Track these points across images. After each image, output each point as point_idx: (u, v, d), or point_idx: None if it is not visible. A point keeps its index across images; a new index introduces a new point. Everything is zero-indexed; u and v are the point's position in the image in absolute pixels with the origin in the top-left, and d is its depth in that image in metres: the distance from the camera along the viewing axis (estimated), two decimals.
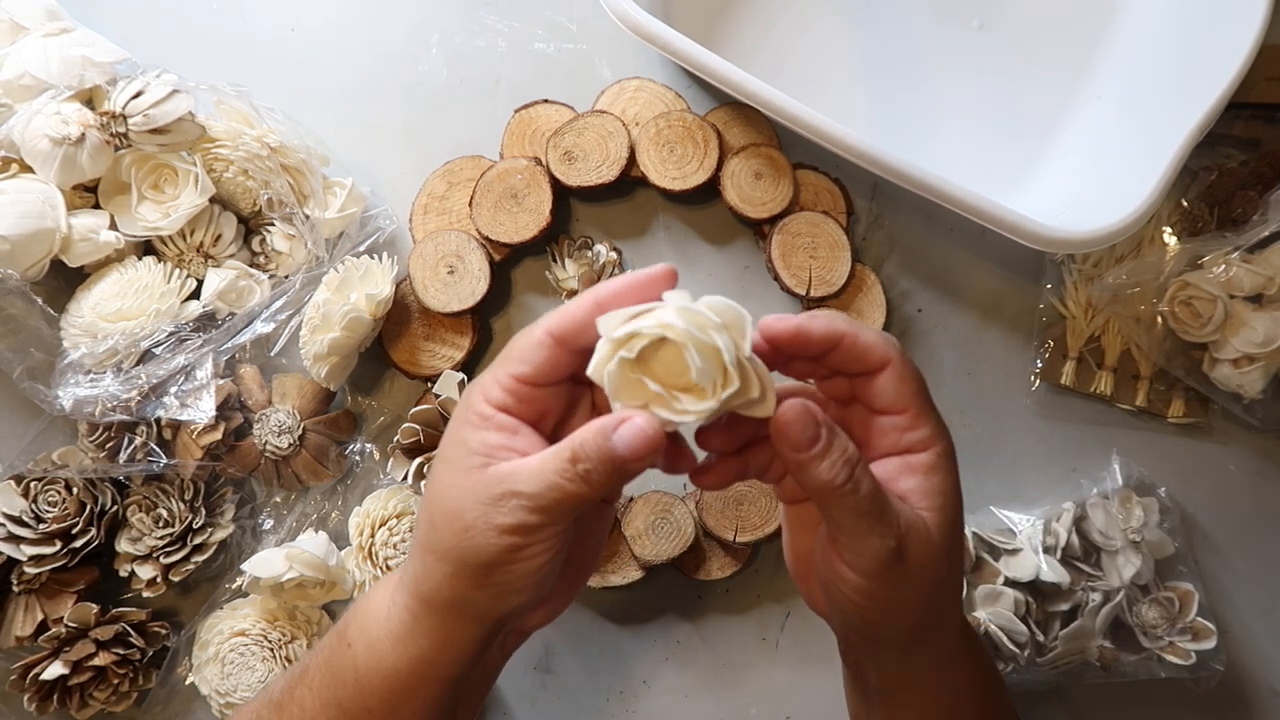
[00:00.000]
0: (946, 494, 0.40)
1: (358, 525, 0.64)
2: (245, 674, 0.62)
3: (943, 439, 0.40)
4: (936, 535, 0.39)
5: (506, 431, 0.38)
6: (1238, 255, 0.64)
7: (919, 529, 0.38)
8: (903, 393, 0.39)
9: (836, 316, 0.40)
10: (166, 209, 0.61)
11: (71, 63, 0.61)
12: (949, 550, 0.39)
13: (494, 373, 0.39)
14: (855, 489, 0.37)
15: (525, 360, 0.38)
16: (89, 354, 0.60)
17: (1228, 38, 0.58)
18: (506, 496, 0.37)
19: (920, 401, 0.40)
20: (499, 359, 0.39)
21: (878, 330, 0.40)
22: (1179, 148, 0.57)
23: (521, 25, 0.71)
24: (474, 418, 0.39)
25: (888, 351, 0.39)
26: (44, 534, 0.61)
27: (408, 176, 0.69)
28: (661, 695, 0.67)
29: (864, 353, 0.39)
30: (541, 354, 0.38)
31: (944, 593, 0.41)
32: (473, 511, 0.37)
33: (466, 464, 0.38)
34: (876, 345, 0.39)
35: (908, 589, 0.39)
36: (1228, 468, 0.68)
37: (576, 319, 0.38)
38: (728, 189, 0.66)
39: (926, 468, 0.39)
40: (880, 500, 0.37)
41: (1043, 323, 0.68)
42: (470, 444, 0.38)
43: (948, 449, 0.40)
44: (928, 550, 0.38)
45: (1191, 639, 0.63)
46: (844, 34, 0.70)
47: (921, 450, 0.40)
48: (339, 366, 0.63)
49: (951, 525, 0.40)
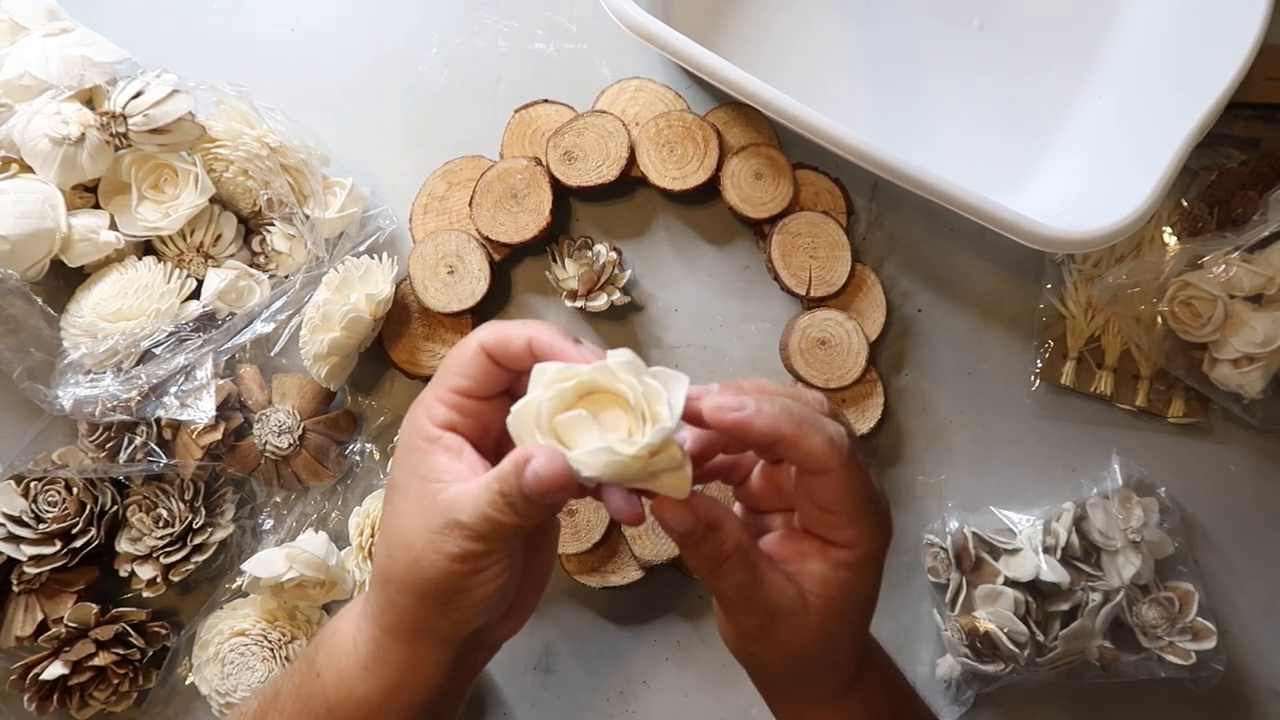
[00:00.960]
0: (846, 590, 0.40)
1: (358, 525, 0.64)
2: (245, 674, 0.62)
3: (868, 542, 0.40)
4: (814, 620, 0.40)
5: (452, 453, 0.39)
6: (1238, 255, 0.64)
7: (795, 613, 0.39)
8: (838, 499, 0.39)
9: (784, 415, 0.38)
10: (166, 209, 0.61)
11: (71, 63, 0.61)
12: (826, 636, 0.40)
13: (434, 390, 0.40)
14: (718, 578, 0.39)
15: (463, 374, 0.39)
16: (89, 354, 0.60)
17: (1228, 38, 0.58)
18: (451, 527, 0.37)
19: (855, 509, 0.39)
20: (437, 375, 0.40)
21: (827, 431, 0.38)
22: (1179, 148, 0.57)
23: (521, 25, 0.71)
24: (420, 442, 0.39)
25: (828, 461, 0.38)
26: (44, 534, 0.61)
27: (408, 176, 0.69)
28: (661, 695, 0.67)
29: (804, 457, 0.38)
30: (478, 366, 0.39)
31: (819, 661, 0.42)
32: (421, 540, 0.38)
33: (417, 491, 0.38)
34: (816, 453, 0.38)
35: (774, 655, 0.41)
36: (1228, 468, 0.68)
37: (510, 337, 0.39)
38: (728, 189, 0.66)
39: (838, 562, 0.40)
40: (747, 589, 0.39)
41: (1043, 323, 0.68)
42: (419, 469, 0.39)
43: (870, 552, 0.40)
44: (798, 632, 0.40)
45: (1191, 639, 0.63)
46: (844, 34, 0.70)
47: (842, 548, 0.40)
48: (339, 366, 0.63)
49: (838, 617, 0.40)
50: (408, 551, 0.38)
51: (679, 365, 0.68)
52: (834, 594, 0.40)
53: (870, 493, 0.40)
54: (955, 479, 0.68)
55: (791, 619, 0.39)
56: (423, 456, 0.39)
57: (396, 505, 0.39)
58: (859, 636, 0.43)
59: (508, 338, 0.39)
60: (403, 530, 0.38)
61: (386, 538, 0.40)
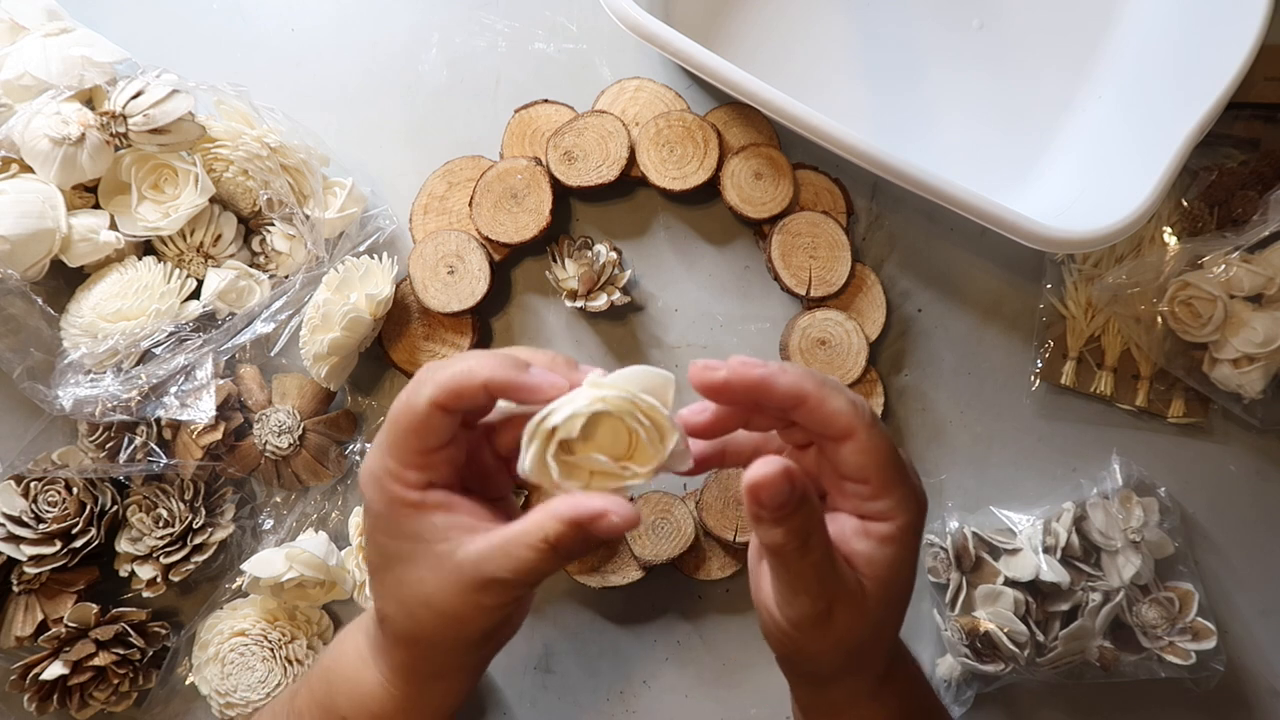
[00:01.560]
0: (894, 567, 0.39)
1: (358, 525, 0.64)
2: (245, 674, 0.62)
3: (906, 512, 0.39)
4: (870, 604, 0.39)
5: (444, 509, 0.39)
6: (1238, 255, 0.64)
7: (853, 596, 0.39)
8: (865, 465, 0.38)
9: (807, 376, 0.38)
10: (166, 209, 0.61)
11: (71, 63, 0.61)
12: (879, 619, 0.40)
13: (396, 455, 0.38)
14: (802, 556, 0.37)
15: (421, 435, 0.38)
16: (89, 354, 0.60)
17: (1228, 38, 0.58)
18: (487, 583, 0.38)
19: (886, 474, 0.38)
20: (391, 436, 0.38)
21: (848, 395, 0.38)
22: (1179, 148, 0.57)
23: (521, 25, 0.71)
24: (404, 509, 0.39)
25: (852, 422, 0.37)
26: (44, 534, 0.61)
27: (408, 176, 0.69)
28: (661, 695, 0.67)
29: (827, 419, 0.37)
30: (434, 423, 0.38)
31: (868, 649, 0.41)
32: (456, 601, 0.38)
33: (425, 555, 0.38)
34: (840, 413, 0.37)
35: (827, 644, 0.40)
36: (1228, 468, 0.68)
37: (462, 387, 0.37)
38: (728, 189, 0.66)
39: (882, 537, 0.39)
40: (822, 568, 0.38)
41: (1043, 323, 0.68)
42: (422, 533, 0.38)
43: (910, 523, 0.39)
44: (856, 617, 0.39)
45: (1191, 639, 0.63)
46: (844, 34, 0.70)
47: (881, 520, 0.39)
48: (339, 366, 0.63)
49: (889, 596, 0.39)
50: (439, 615, 0.39)
51: (679, 365, 0.68)
52: (883, 574, 0.39)
53: (899, 459, 0.39)
54: (955, 479, 0.68)
55: (850, 604, 0.39)
56: (414, 522, 0.39)
57: (404, 573, 0.39)
58: (899, 624, 0.42)
59: (460, 388, 0.37)
60: (425, 595, 0.39)
61: (400, 603, 0.40)
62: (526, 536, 0.37)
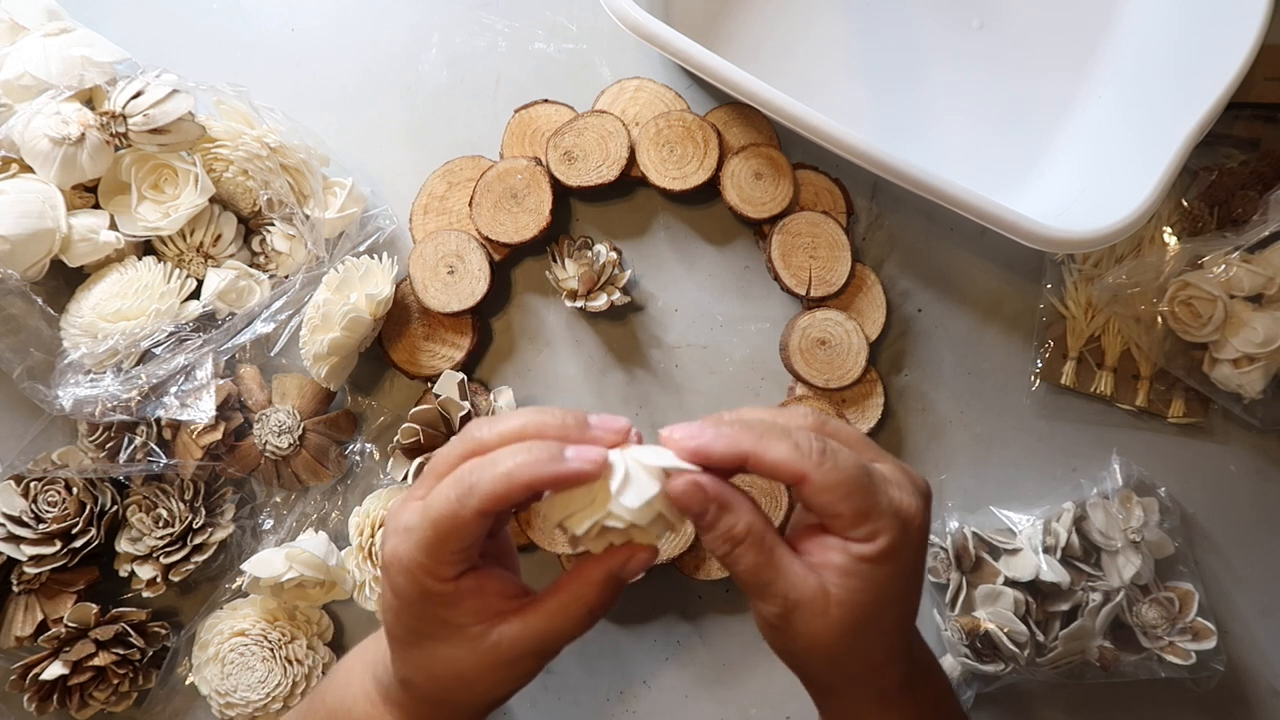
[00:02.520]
0: (871, 586, 0.39)
1: (358, 525, 0.64)
2: (245, 674, 0.62)
3: (886, 533, 0.39)
4: (835, 612, 0.39)
5: (475, 595, 0.40)
6: (1238, 255, 0.64)
7: (814, 602, 0.39)
8: (827, 503, 0.38)
9: (745, 431, 0.38)
10: (166, 209, 0.61)
11: (71, 63, 0.61)
12: (850, 630, 0.39)
13: (430, 554, 0.39)
14: (734, 563, 0.39)
15: (460, 538, 0.39)
16: (89, 354, 0.60)
17: (1228, 38, 0.58)
18: (523, 658, 0.40)
19: (851, 505, 0.38)
20: (428, 537, 0.39)
21: (794, 439, 0.38)
22: (1179, 148, 0.57)
23: (521, 25, 0.71)
24: (438, 599, 0.40)
25: (799, 468, 0.38)
26: (44, 534, 0.61)
27: (408, 176, 0.69)
28: (661, 695, 0.67)
29: (774, 469, 0.38)
30: (476, 530, 0.39)
31: (857, 656, 0.41)
32: (495, 676, 0.41)
33: (464, 638, 0.40)
34: (784, 462, 0.38)
35: (799, 647, 0.41)
36: (1228, 468, 0.68)
37: (508, 499, 0.38)
38: (728, 189, 0.66)
39: (859, 556, 0.39)
40: (764, 575, 0.39)
41: (1043, 323, 0.68)
42: (454, 620, 0.40)
43: (893, 545, 0.39)
44: (818, 623, 0.39)
45: (1191, 639, 0.63)
46: (844, 34, 0.70)
47: (864, 541, 0.39)
48: (339, 366, 0.63)
49: (862, 611, 0.39)
50: (472, 686, 0.41)
51: (679, 365, 0.68)
52: (856, 586, 0.39)
53: (866, 485, 0.39)
54: (955, 479, 0.68)
55: (810, 609, 0.39)
56: (447, 610, 0.40)
57: (436, 650, 0.41)
58: (894, 636, 0.42)
59: (505, 495, 0.38)
60: (459, 671, 0.41)
61: (431, 676, 0.42)
62: (568, 610, 0.40)
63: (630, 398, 0.68)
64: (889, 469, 0.41)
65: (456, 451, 0.40)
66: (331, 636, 0.66)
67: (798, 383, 0.66)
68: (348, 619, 0.67)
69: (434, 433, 0.62)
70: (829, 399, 0.66)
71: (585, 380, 0.68)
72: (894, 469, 0.41)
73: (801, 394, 0.66)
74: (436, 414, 0.62)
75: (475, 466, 0.38)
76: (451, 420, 0.62)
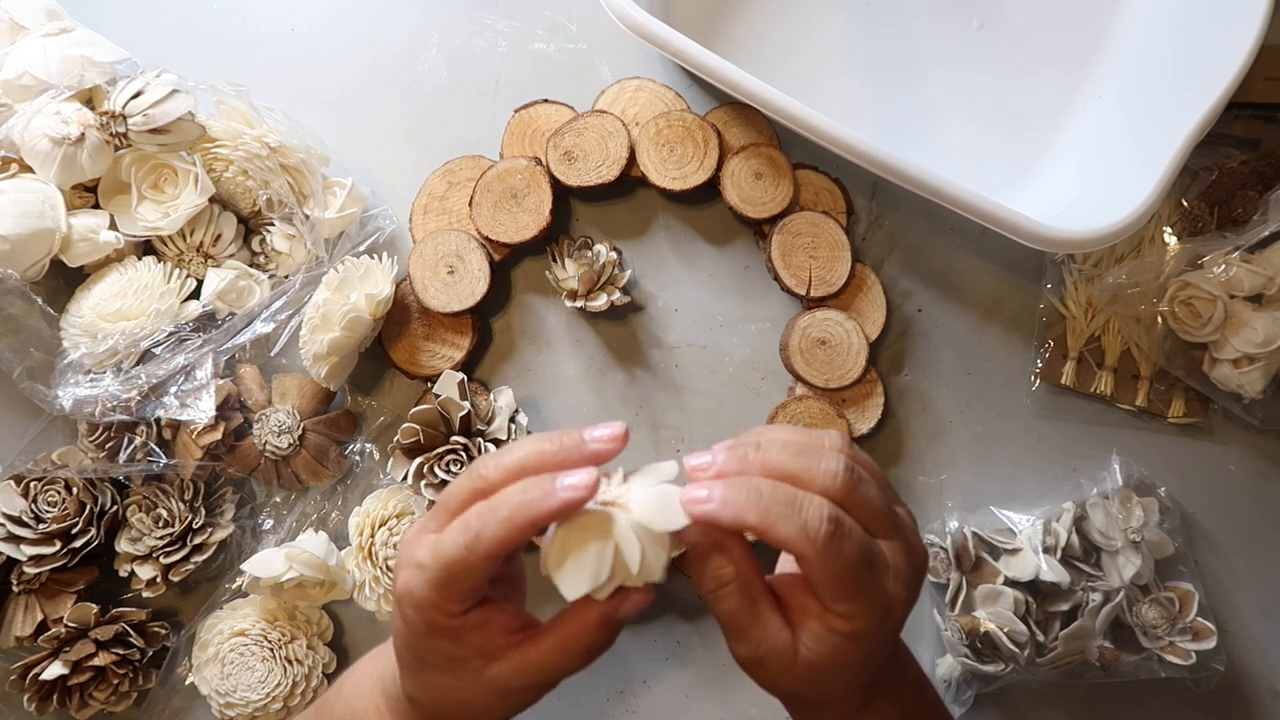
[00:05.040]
0: (840, 657, 0.41)
1: (358, 525, 0.64)
2: (245, 674, 0.62)
3: (863, 619, 0.40)
4: (800, 669, 0.41)
5: (480, 630, 0.42)
6: (1238, 255, 0.64)
7: (782, 656, 0.41)
8: (819, 583, 0.40)
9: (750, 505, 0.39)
10: (166, 209, 0.61)
11: (71, 63, 0.61)
12: (812, 684, 0.41)
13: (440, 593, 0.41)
14: (716, 603, 0.41)
15: (469, 581, 0.40)
16: (89, 354, 0.60)
17: (1228, 38, 0.58)
18: (525, 690, 0.42)
19: (841, 591, 0.39)
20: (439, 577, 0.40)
21: (798, 520, 0.39)
22: (1179, 148, 0.57)
23: (521, 25, 0.71)
24: (445, 633, 0.42)
25: (801, 549, 0.39)
26: (44, 534, 0.61)
27: (408, 176, 0.69)
28: (661, 695, 0.67)
29: (778, 543, 0.39)
30: (483, 574, 0.40)
31: (809, 705, 0.44)
32: (496, 706, 0.43)
33: (467, 670, 0.42)
34: (789, 542, 0.39)
35: (760, 683, 0.43)
36: (1228, 468, 0.68)
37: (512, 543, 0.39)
38: (728, 189, 0.66)
39: (833, 629, 0.40)
40: (743, 620, 0.41)
41: (1043, 323, 0.68)
42: (458, 654, 0.42)
43: (867, 628, 0.40)
44: (782, 676, 0.41)
45: (1191, 639, 0.63)
46: (844, 34, 0.70)
47: (843, 618, 0.40)
48: (339, 366, 0.63)
49: (826, 675, 0.41)
50: (473, 712, 0.43)
51: (679, 365, 0.68)
52: (825, 653, 0.41)
53: (860, 571, 0.39)
54: (955, 479, 0.68)
55: (778, 661, 0.41)
56: (452, 644, 0.42)
57: (438, 680, 0.43)
58: (855, 686, 0.43)
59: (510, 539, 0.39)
60: (461, 700, 0.43)
61: (434, 701, 0.44)
62: (565, 650, 0.41)
63: (630, 398, 0.68)
64: (894, 550, 0.41)
65: (465, 489, 0.42)
66: (331, 636, 0.66)
67: (798, 383, 0.66)
68: (348, 619, 0.67)
69: (434, 433, 0.62)
70: (829, 399, 0.66)
71: (585, 380, 0.68)
72: (899, 551, 0.41)
73: (801, 394, 0.66)
74: (436, 414, 0.62)
75: (481, 513, 0.40)
76: (451, 420, 0.62)
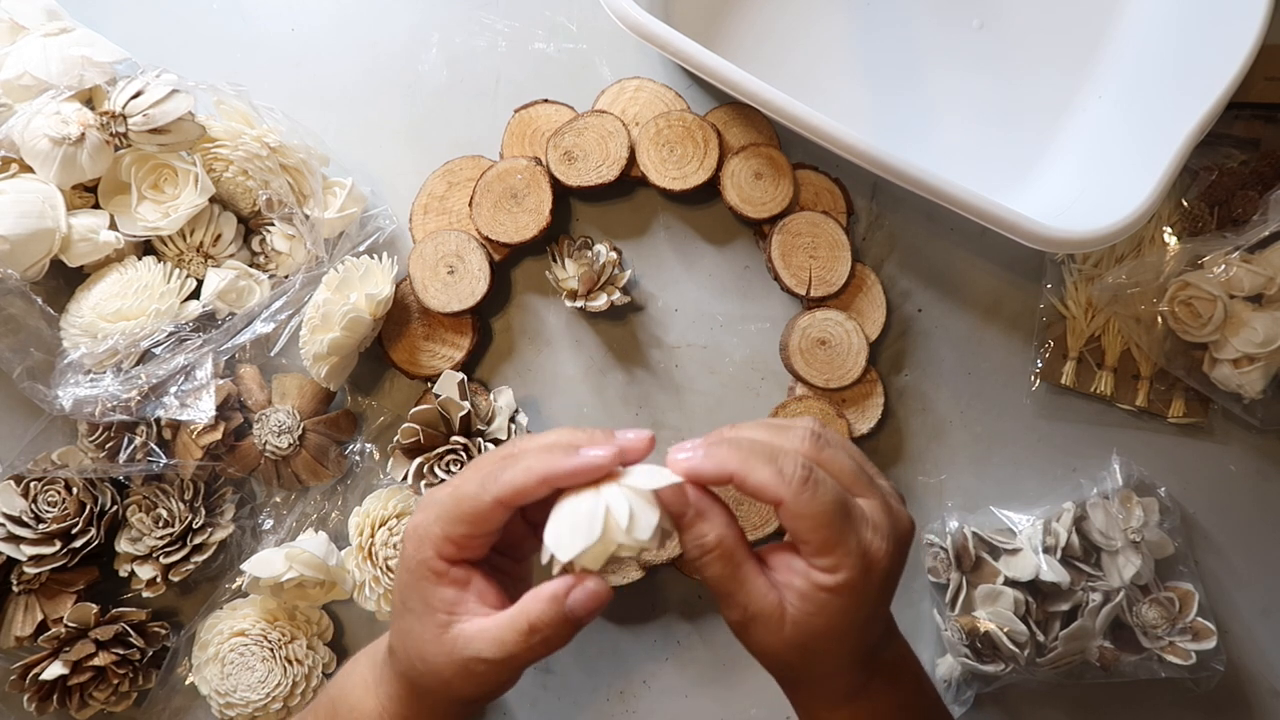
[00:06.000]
0: (826, 613, 0.41)
1: (358, 525, 0.64)
2: (245, 674, 0.62)
3: (852, 569, 0.41)
4: (789, 631, 0.42)
5: (459, 585, 0.43)
6: (1238, 255, 0.64)
7: (770, 618, 0.42)
8: (798, 529, 0.41)
9: (734, 451, 0.41)
10: (166, 209, 0.61)
11: (71, 63, 0.61)
12: (802, 648, 0.42)
13: (444, 526, 0.43)
14: (703, 569, 0.42)
15: (476, 523, 0.42)
16: (89, 354, 0.60)
17: (1228, 38, 0.58)
18: (475, 662, 0.42)
19: (822, 536, 0.40)
20: (446, 509, 0.43)
21: (779, 464, 0.41)
22: (1179, 148, 0.57)
23: (521, 25, 0.71)
24: (429, 574, 0.43)
25: (778, 493, 0.40)
26: (44, 534, 0.61)
27: (408, 176, 0.69)
28: (661, 695, 0.67)
29: (756, 491, 0.41)
30: (492, 518, 0.42)
31: (803, 673, 0.44)
32: (448, 670, 0.43)
33: (431, 622, 0.43)
34: (766, 485, 0.41)
35: (755, 651, 0.44)
36: (1228, 468, 0.68)
37: (526, 492, 0.41)
38: (728, 189, 0.66)
39: (818, 584, 0.41)
40: (728, 584, 0.42)
41: (1043, 323, 0.68)
42: (430, 601, 0.43)
43: (854, 580, 0.41)
44: (772, 637, 0.42)
45: (1191, 639, 0.63)
46: (844, 34, 0.70)
47: (825, 572, 0.41)
48: (339, 366, 0.63)
49: (815, 635, 0.42)
50: (435, 676, 0.43)
51: (679, 365, 0.68)
52: (810, 611, 0.41)
53: (841, 517, 0.40)
54: (955, 479, 0.68)
55: (766, 623, 0.42)
56: (431, 588, 0.43)
57: (410, 625, 0.44)
58: (844, 658, 0.44)
59: (523, 487, 0.41)
60: (422, 652, 0.43)
61: (406, 650, 0.44)
62: (513, 622, 0.42)
63: (630, 398, 0.68)
64: (872, 507, 0.42)
65: (495, 456, 0.44)
66: (331, 636, 0.66)
67: (798, 383, 0.66)
68: (348, 619, 0.67)
69: (434, 433, 0.62)
70: (829, 399, 0.66)
71: (585, 380, 0.68)
72: (877, 508, 0.42)
73: (801, 394, 0.66)
74: (436, 414, 0.62)
75: (502, 463, 0.42)
76: (451, 420, 0.62)
